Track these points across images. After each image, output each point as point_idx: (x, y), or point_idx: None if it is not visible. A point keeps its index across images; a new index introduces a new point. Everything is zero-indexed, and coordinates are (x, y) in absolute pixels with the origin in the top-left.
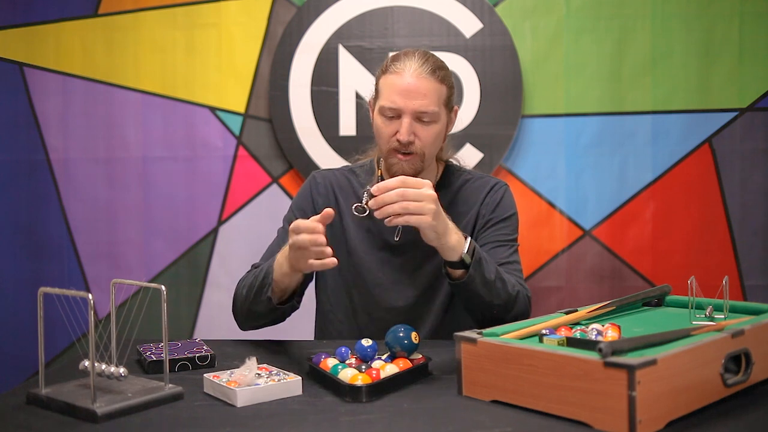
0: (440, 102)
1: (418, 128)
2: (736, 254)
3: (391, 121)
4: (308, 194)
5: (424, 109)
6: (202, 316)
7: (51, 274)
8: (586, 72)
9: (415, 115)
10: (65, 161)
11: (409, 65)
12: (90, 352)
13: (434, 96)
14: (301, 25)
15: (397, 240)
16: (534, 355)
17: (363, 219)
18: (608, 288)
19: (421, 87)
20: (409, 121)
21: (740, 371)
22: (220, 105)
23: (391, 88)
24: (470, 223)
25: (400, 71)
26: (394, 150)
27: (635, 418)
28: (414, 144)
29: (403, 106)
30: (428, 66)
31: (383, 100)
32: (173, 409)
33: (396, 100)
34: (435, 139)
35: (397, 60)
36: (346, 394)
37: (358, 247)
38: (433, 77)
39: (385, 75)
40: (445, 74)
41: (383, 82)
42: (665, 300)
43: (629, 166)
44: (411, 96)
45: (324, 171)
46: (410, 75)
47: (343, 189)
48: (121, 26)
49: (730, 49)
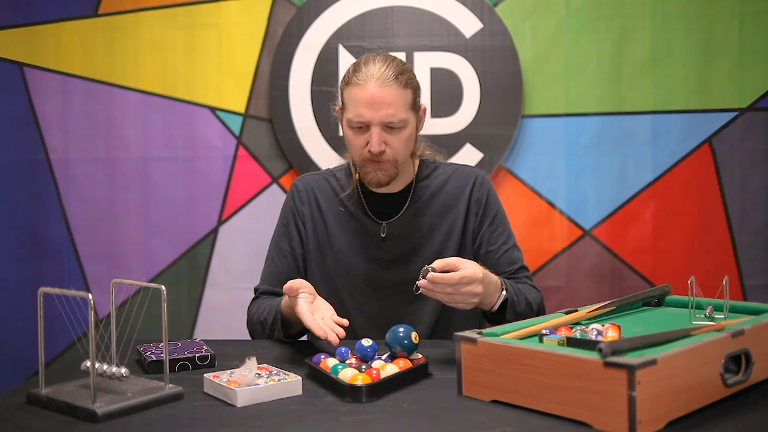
0: (406, 107)
1: (388, 137)
2: (736, 254)
3: (361, 132)
4: (291, 205)
5: (390, 119)
6: (202, 316)
7: (51, 274)
8: (586, 72)
9: (383, 125)
10: (65, 161)
11: (371, 75)
12: (90, 352)
13: (399, 102)
14: (301, 25)
15: (384, 236)
16: (534, 355)
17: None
18: (608, 288)
19: (385, 96)
20: (378, 131)
21: (740, 371)
22: (220, 105)
23: (356, 101)
24: (459, 218)
25: (362, 83)
26: (367, 160)
27: (635, 418)
28: (385, 153)
29: (369, 118)
30: (390, 72)
31: (349, 113)
32: (173, 409)
33: (362, 113)
34: (406, 144)
35: (358, 70)
36: (346, 394)
37: (344, 248)
38: (396, 84)
39: (349, 87)
40: (407, 78)
41: (347, 94)
42: (665, 300)
43: (629, 166)
44: (376, 107)
45: (305, 177)
46: (373, 86)
47: (324, 192)
48: (121, 26)
49: (730, 49)
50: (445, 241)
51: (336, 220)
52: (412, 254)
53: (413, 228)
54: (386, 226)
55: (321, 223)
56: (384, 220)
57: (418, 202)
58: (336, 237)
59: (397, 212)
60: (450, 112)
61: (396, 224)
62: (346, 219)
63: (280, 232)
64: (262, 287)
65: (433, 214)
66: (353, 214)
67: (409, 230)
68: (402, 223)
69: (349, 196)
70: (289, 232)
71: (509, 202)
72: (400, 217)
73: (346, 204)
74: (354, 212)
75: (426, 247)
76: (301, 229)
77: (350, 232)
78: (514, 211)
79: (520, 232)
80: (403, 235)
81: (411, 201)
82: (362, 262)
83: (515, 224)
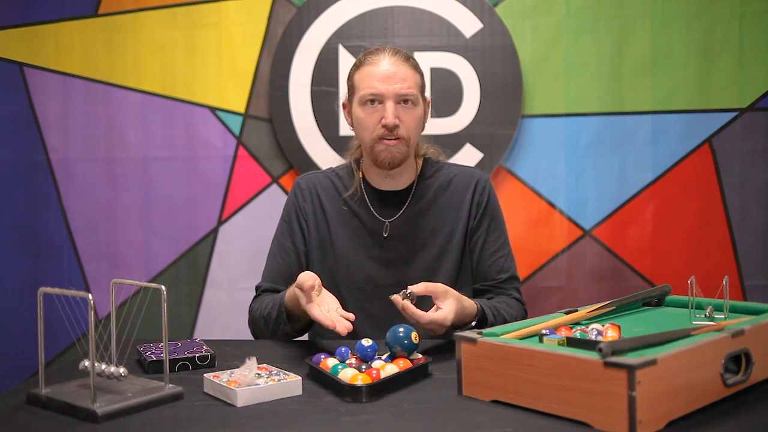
0: (418, 87)
1: (402, 112)
2: (736, 254)
3: (374, 108)
4: (294, 203)
5: (405, 92)
6: (202, 316)
7: (51, 274)
8: (586, 72)
9: (398, 98)
10: (65, 161)
11: (383, 56)
12: (90, 352)
13: (412, 80)
14: (301, 25)
15: (386, 236)
16: (534, 355)
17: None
18: (608, 288)
19: (399, 71)
20: (393, 105)
21: (740, 371)
22: (220, 105)
23: (370, 77)
24: (461, 220)
25: (376, 62)
26: (381, 138)
27: (635, 418)
28: (399, 128)
29: (384, 90)
30: (401, 55)
31: (363, 90)
32: (173, 409)
33: (377, 85)
34: (417, 124)
35: (371, 54)
36: (346, 394)
37: (346, 247)
38: (407, 64)
39: (361, 68)
40: (416, 63)
41: (359, 75)
42: (665, 300)
43: (629, 166)
44: (391, 81)
45: (308, 175)
46: (387, 62)
47: (327, 190)
48: (121, 26)
49: (730, 49)
50: (446, 243)
51: (338, 219)
52: (413, 255)
53: (415, 228)
54: (389, 225)
55: (323, 221)
56: (387, 219)
57: (421, 201)
58: (338, 236)
59: (399, 210)
60: (450, 112)
61: (398, 223)
62: (348, 218)
63: (282, 230)
64: (264, 285)
65: (435, 215)
66: (356, 213)
67: (411, 230)
68: (404, 222)
69: (352, 195)
70: (292, 229)
71: (509, 202)
72: (402, 215)
73: (349, 203)
74: (357, 211)
75: (428, 248)
76: (303, 226)
77: (352, 231)
78: (514, 211)
79: (520, 232)
80: (405, 235)
81: (413, 199)
82: (364, 261)
83: (515, 224)
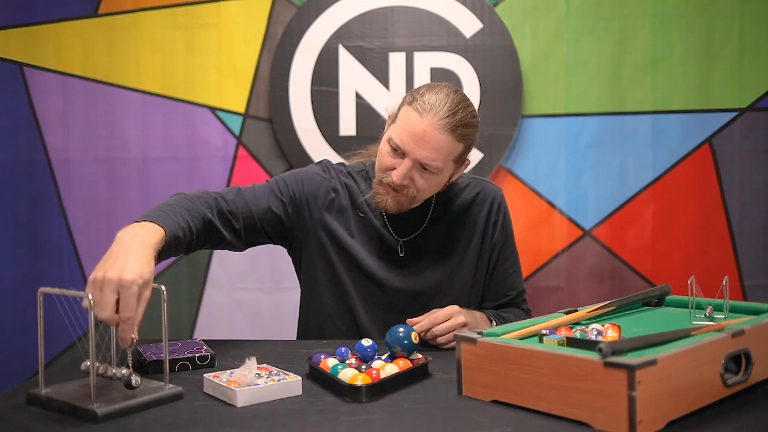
0: (449, 158)
1: (417, 175)
2: (736, 254)
3: (395, 155)
4: (311, 185)
5: (428, 162)
6: (202, 316)
7: (51, 274)
8: (586, 72)
9: (417, 163)
10: (65, 161)
11: (434, 110)
12: (90, 352)
13: (444, 152)
14: (301, 25)
15: (402, 255)
16: (534, 355)
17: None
18: (608, 288)
19: (433, 140)
20: (410, 167)
21: (740, 371)
22: (220, 105)
23: (406, 126)
24: (475, 238)
25: (422, 112)
26: (385, 183)
27: (635, 418)
28: (407, 188)
29: (409, 150)
30: (452, 121)
31: (395, 131)
32: (173, 409)
33: (405, 141)
34: (432, 187)
35: (427, 93)
36: (346, 394)
37: (359, 250)
38: (451, 134)
39: (409, 106)
40: (467, 133)
41: (404, 112)
42: (665, 300)
43: (629, 166)
44: (420, 145)
45: (336, 165)
46: (429, 122)
47: (351, 189)
48: (121, 26)
49: (730, 49)
50: (459, 261)
51: (355, 220)
52: (425, 269)
53: (430, 246)
54: (404, 244)
55: (341, 212)
56: (402, 237)
57: (439, 222)
58: (355, 238)
59: (416, 229)
60: None
61: (414, 242)
62: (364, 226)
63: (286, 179)
64: (220, 197)
65: (452, 233)
66: (373, 225)
67: (427, 248)
68: (420, 242)
69: (369, 205)
70: (284, 195)
71: (509, 203)
72: (419, 235)
73: (365, 211)
74: (374, 223)
75: (441, 266)
76: (304, 202)
77: (367, 238)
78: (514, 212)
79: (521, 232)
80: (420, 253)
81: (430, 219)
82: (376, 268)
83: (515, 224)
